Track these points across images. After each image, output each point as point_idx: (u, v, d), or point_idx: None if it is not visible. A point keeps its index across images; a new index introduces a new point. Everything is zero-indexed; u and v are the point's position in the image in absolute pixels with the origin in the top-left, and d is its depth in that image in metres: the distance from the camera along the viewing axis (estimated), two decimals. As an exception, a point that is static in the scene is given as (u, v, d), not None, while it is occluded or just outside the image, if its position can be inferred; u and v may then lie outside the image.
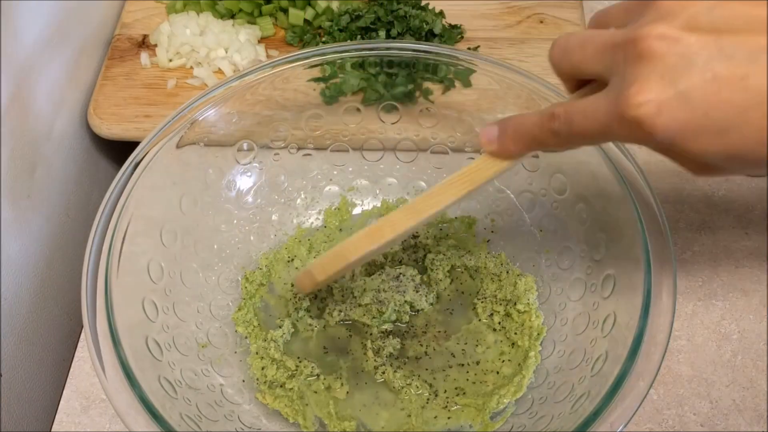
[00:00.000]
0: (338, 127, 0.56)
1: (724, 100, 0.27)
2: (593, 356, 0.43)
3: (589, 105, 0.32)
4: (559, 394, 0.44)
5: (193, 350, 0.47)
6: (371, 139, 0.57)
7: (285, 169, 0.57)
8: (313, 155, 0.57)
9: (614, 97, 0.30)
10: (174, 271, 0.49)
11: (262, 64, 0.53)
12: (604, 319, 0.45)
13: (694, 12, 0.28)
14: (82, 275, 0.43)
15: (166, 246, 0.49)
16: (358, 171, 0.58)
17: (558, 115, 0.33)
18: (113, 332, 0.41)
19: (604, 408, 0.38)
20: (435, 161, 0.57)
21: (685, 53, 0.28)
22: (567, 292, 0.50)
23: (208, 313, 0.50)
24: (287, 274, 0.54)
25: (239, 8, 0.70)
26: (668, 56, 0.28)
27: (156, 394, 0.40)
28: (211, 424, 0.43)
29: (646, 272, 0.42)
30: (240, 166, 0.55)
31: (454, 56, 0.53)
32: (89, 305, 0.42)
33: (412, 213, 0.40)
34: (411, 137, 0.57)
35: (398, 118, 0.57)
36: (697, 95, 0.28)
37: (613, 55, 0.30)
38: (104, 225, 0.45)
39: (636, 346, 0.40)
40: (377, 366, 0.49)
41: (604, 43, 0.31)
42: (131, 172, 0.47)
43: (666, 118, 0.28)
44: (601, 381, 0.40)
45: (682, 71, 0.28)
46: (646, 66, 0.28)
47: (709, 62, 0.28)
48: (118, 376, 0.40)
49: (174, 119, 0.50)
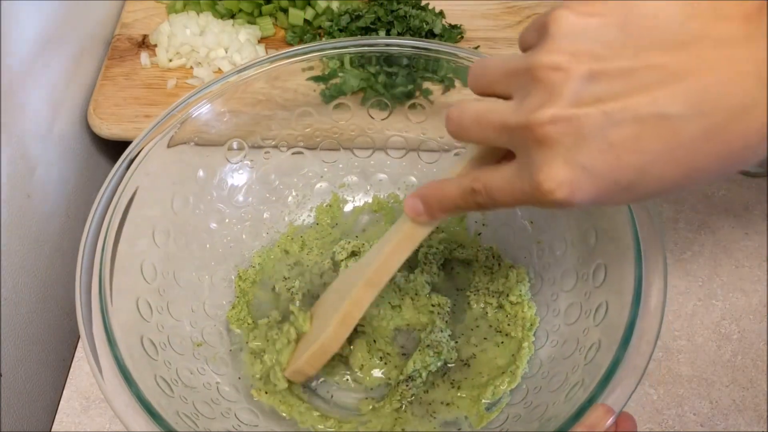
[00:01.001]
0: (328, 125, 0.57)
1: (624, 165, 0.29)
2: (586, 345, 0.43)
3: (506, 183, 0.33)
4: (553, 384, 0.44)
5: (189, 349, 0.47)
6: (362, 136, 0.57)
7: (276, 168, 0.57)
8: (304, 153, 0.57)
9: (528, 180, 0.31)
10: (167, 271, 0.49)
11: (259, 59, 0.52)
12: (596, 308, 0.45)
13: (575, 87, 0.29)
14: (76, 275, 0.43)
15: (159, 246, 0.49)
16: (349, 168, 0.58)
17: (479, 191, 0.35)
18: (108, 332, 0.41)
19: (597, 396, 0.38)
20: (426, 157, 0.57)
21: (578, 130, 0.29)
22: (559, 283, 0.50)
23: (203, 312, 0.50)
24: (280, 271, 0.54)
25: (239, 8, 0.70)
26: (564, 137, 0.29)
27: (153, 393, 0.40)
28: (209, 422, 0.43)
29: (636, 259, 0.42)
30: (231, 165, 0.55)
31: (454, 53, 0.53)
32: (84, 306, 0.42)
33: (371, 287, 0.43)
34: (402, 134, 0.57)
35: (388, 114, 0.57)
36: (600, 167, 0.29)
37: (511, 136, 0.32)
38: (97, 224, 0.45)
39: (628, 333, 0.40)
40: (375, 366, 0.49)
41: (501, 125, 0.32)
42: (124, 170, 0.47)
43: (579, 194, 0.30)
44: (595, 369, 0.40)
45: (581, 148, 0.29)
46: (548, 151, 0.30)
47: (602, 132, 0.29)
48: (115, 375, 0.40)
49: (167, 117, 0.50)
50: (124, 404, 0.39)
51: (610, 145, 0.29)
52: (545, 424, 0.40)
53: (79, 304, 0.42)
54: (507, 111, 0.32)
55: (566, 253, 0.50)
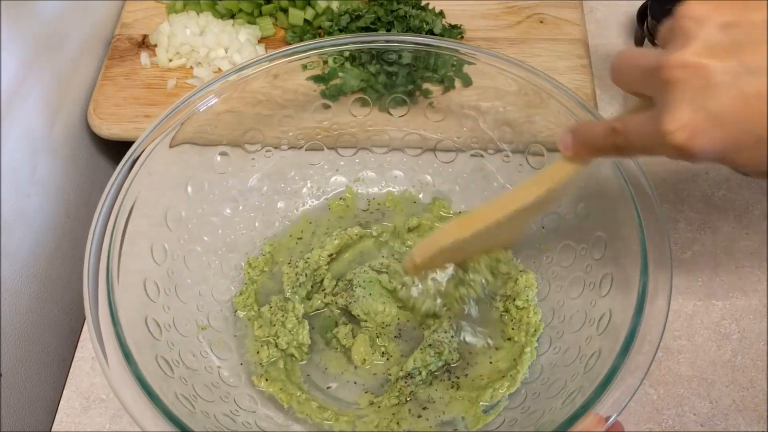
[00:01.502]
0: (345, 120, 0.57)
1: (756, 113, 0.29)
2: (587, 354, 0.44)
3: (641, 125, 0.34)
4: (552, 390, 0.44)
5: (193, 332, 0.48)
6: (379, 133, 0.58)
7: (292, 160, 0.57)
8: (324, 150, 0.58)
9: (656, 121, 0.32)
10: (178, 254, 0.50)
11: (258, 58, 0.52)
12: (600, 317, 0.45)
13: (711, 33, 0.30)
14: (85, 251, 0.43)
15: (171, 230, 0.50)
16: (365, 163, 0.59)
17: (618, 131, 0.35)
18: (113, 310, 0.41)
19: (593, 402, 0.38)
20: (443, 157, 0.58)
21: (709, 77, 0.29)
22: (566, 290, 0.50)
23: (210, 297, 0.51)
24: (290, 258, 0.55)
25: (239, 8, 0.70)
26: (693, 82, 0.30)
27: (153, 374, 0.40)
28: (207, 405, 0.43)
29: (642, 271, 0.42)
30: (248, 155, 0.55)
31: (455, 49, 0.53)
32: (90, 287, 0.42)
33: (497, 207, 0.42)
34: (419, 132, 0.58)
35: (406, 111, 0.57)
36: (729, 114, 0.29)
37: (650, 79, 0.32)
38: (109, 206, 0.45)
39: (628, 343, 0.40)
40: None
41: (644, 67, 0.33)
42: (137, 156, 0.47)
43: (702, 140, 0.30)
44: (593, 377, 0.40)
45: (710, 94, 0.29)
46: (674, 93, 0.30)
47: (735, 81, 0.29)
48: (117, 357, 0.40)
49: (174, 111, 0.50)
50: (123, 384, 0.39)
51: (742, 94, 0.29)
52: (540, 428, 0.40)
53: (86, 285, 0.42)
54: (653, 56, 0.32)
55: (575, 261, 0.50)
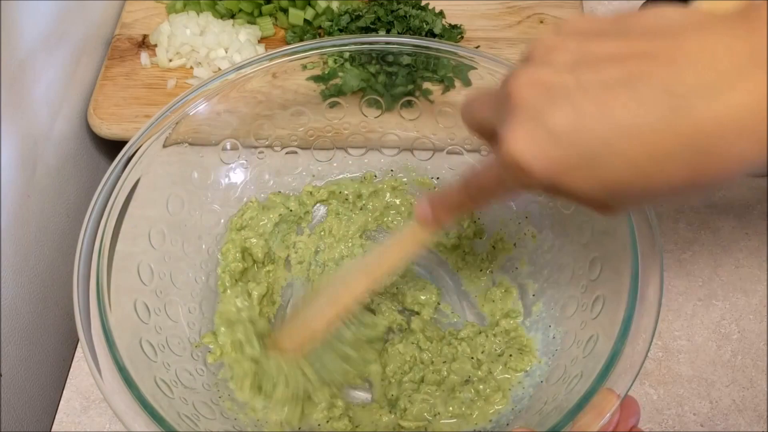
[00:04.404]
0: (322, 124, 0.57)
1: (588, 130, 0.27)
2: (584, 339, 0.44)
3: (488, 165, 0.33)
4: (552, 377, 0.45)
5: (187, 350, 0.47)
6: (355, 135, 0.57)
7: (270, 167, 0.57)
8: (299, 153, 0.57)
9: (498, 149, 0.30)
10: (164, 273, 0.49)
11: (257, 57, 0.52)
12: (593, 302, 0.45)
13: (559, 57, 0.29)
14: (73, 277, 0.43)
15: (155, 248, 0.49)
16: (343, 166, 0.58)
17: (469, 180, 0.36)
18: (108, 335, 0.41)
19: (597, 388, 0.38)
20: (421, 156, 0.58)
21: (549, 93, 0.28)
22: (559, 283, 0.50)
23: (199, 313, 0.50)
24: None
25: (239, 8, 0.70)
26: (535, 99, 0.29)
27: (153, 395, 0.40)
28: (210, 423, 0.43)
29: (633, 256, 0.42)
30: (226, 165, 0.55)
31: (453, 52, 0.53)
32: (82, 310, 0.42)
33: (366, 277, 0.44)
34: (396, 132, 0.58)
35: (380, 113, 0.57)
36: (563, 130, 0.28)
37: (498, 108, 0.31)
38: (93, 227, 0.45)
39: (626, 327, 0.40)
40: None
41: (491, 99, 0.33)
42: (120, 171, 0.47)
43: (540, 157, 0.28)
44: (594, 360, 0.41)
45: (549, 110, 0.28)
46: (519, 114, 0.29)
47: (570, 97, 0.28)
48: (114, 377, 0.40)
49: (163, 116, 0.49)
50: (124, 405, 0.39)
51: (576, 110, 0.28)
52: (545, 417, 0.40)
53: (77, 308, 0.42)
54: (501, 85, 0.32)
55: (562, 249, 0.50)
